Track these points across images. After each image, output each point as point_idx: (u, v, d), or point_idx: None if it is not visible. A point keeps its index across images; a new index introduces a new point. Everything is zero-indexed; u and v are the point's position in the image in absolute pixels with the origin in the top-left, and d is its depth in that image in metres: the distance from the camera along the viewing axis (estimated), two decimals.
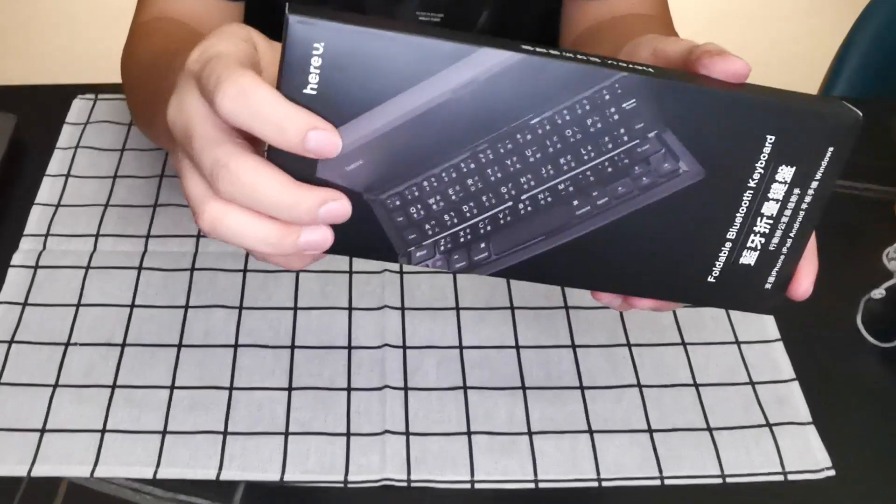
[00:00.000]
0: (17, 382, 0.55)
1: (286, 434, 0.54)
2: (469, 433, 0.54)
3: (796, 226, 0.39)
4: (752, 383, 0.58)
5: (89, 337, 0.58)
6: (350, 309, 0.60)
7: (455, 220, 0.37)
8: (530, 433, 0.54)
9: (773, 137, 0.37)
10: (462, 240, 0.37)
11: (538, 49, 0.35)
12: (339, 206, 0.34)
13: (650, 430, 0.55)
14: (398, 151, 0.35)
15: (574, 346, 0.59)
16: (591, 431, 0.55)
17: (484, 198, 0.37)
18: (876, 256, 0.66)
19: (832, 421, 0.56)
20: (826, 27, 2.12)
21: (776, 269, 0.40)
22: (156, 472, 0.51)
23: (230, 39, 0.36)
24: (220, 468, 0.52)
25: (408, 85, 0.34)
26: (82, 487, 0.51)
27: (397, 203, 0.36)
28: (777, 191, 0.38)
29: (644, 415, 0.56)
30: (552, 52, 0.35)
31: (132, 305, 0.60)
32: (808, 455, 0.54)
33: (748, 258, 0.40)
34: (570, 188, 0.37)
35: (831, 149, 0.38)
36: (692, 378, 0.58)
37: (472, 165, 0.36)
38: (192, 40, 0.55)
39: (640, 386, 0.57)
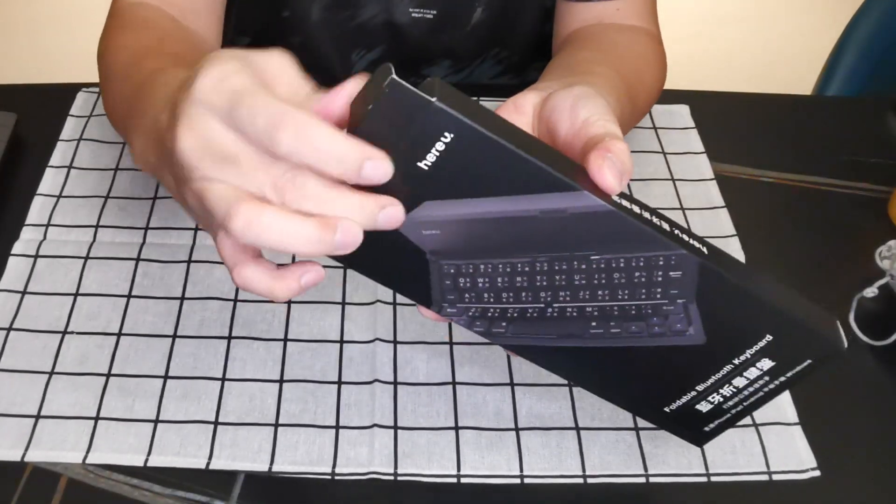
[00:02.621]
0: (14, 369, 0.56)
1: (276, 425, 0.54)
2: (457, 428, 0.55)
3: (751, 401, 0.46)
4: None
5: (86, 326, 0.59)
6: (343, 304, 0.61)
7: (491, 301, 0.42)
8: (517, 429, 0.55)
9: (771, 337, 0.42)
10: (489, 315, 0.42)
11: (625, 204, 0.39)
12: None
13: (636, 429, 0.55)
14: (470, 237, 0.39)
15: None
16: (577, 428, 0.55)
17: (523, 294, 0.41)
18: (869, 255, 0.66)
19: (822, 420, 0.56)
20: (821, 25, 2.11)
21: (719, 420, 0.47)
22: (147, 460, 0.52)
23: (243, 70, 0.36)
24: (210, 457, 0.53)
25: (507, 193, 0.38)
26: (81, 483, 0.52)
27: (451, 271, 0.41)
28: (752, 373, 0.44)
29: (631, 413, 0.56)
30: (636, 209, 0.39)
31: (129, 296, 0.61)
32: (794, 455, 0.54)
33: (703, 407, 0.46)
34: (595, 313, 0.42)
35: (809, 361, 0.43)
36: None
37: (527, 269, 0.41)
38: (174, 47, 0.55)
39: None
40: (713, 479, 0.53)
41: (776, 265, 0.67)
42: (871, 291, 0.63)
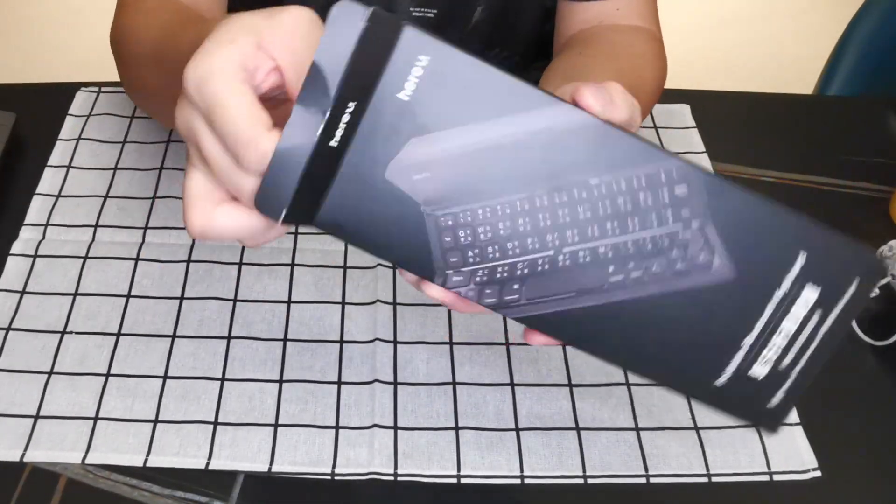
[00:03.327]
0: (13, 369, 0.56)
1: (276, 425, 0.54)
2: (457, 428, 0.55)
3: (810, 351, 0.40)
4: None
5: (85, 326, 0.59)
6: (343, 303, 0.61)
7: (497, 255, 0.39)
8: (518, 429, 0.55)
9: (806, 254, 0.38)
10: (498, 276, 0.39)
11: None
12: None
13: (637, 429, 0.55)
14: (463, 174, 0.37)
15: (563, 345, 0.59)
16: (578, 429, 0.55)
17: (529, 240, 0.38)
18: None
19: (823, 421, 0.56)
20: (822, 25, 2.11)
21: (783, 389, 0.40)
22: (146, 460, 0.52)
23: (230, 62, 0.36)
24: (210, 457, 0.52)
25: (491, 116, 0.36)
26: (80, 483, 0.52)
27: (449, 223, 0.38)
28: (800, 308, 0.39)
29: (631, 413, 0.56)
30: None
31: (128, 296, 0.60)
32: (795, 455, 0.54)
33: (758, 371, 0.40)
34: (609, 254, 0.39)
35: (857, 279, 0.39)
36: None
37: (527, 206, 0.38)
38: (187, 28, 0.54)
39: (628, 384, 0.57)
40: (714, 479, 0.53)
41: None
42: (872, 291, 0.63)
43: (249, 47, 0.36)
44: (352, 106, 0.36)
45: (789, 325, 0.39)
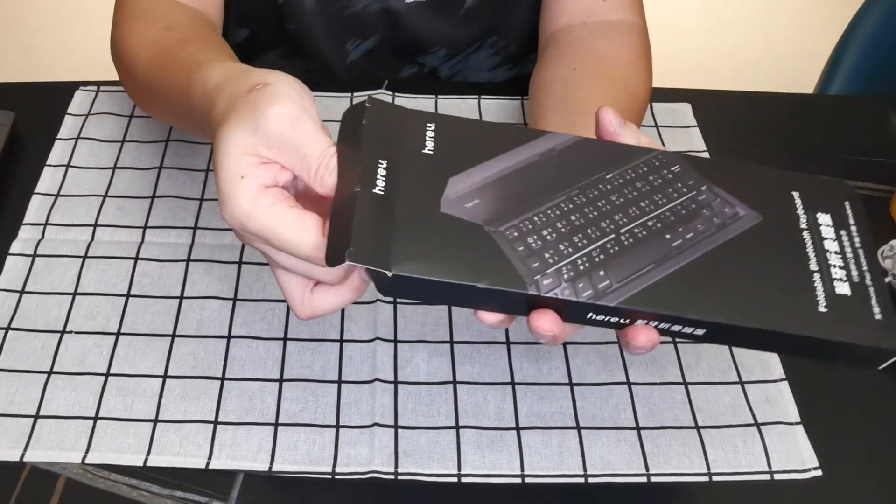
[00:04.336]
0: (13, 369, 0.56)
1: (276, 424, 0.54)
2: (457, 427, 0.55)
3: (864, 260, 0.44)
4: (741, 383, 0.58)
5: (84, 325, 0.58)
6: None
7: (570, 250, 0.42)
8: (518, 428, 0.55)
9: (797, 193, 0.45)
10: (581, 267, 0.42)
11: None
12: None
13: (638, 428, 0.55)
14: (505, 193, 0.43)
15: (564, 343, 0.59)
16: (578, 428, 0.55)
17: (589, 230, 0.43)
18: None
19: (824, 420, 0.56)
20: (823, 24, 2.11)
21: (874, 301, 0.43)
22: (146, 460, 0.52)
23: (241, 195, 0.42)
24: (210, 457, 0.52)
25: (501, 151, 0.44)
26: (80, 483, 0.51)
27: (515, 234, 0.42)
28: (827, 231, 0.45)
29: (632, 412, 0.56)
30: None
31: (128, 295, 0.60)
32: (796, 455, 0.54)
33: (842, 289, 0.43)
34: (658, 224, 0.44)
35: (847, 202, 0.45)
36: (682, 377, 0.58)
37: (570, 205, 0.43)
38: (194, 55, 0.57)
39: (629, 383, 0.57)
40: (715, 478, 0.53)
41: None
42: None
43: (256, 172, 0.41)
44: (384, 163, 0.42)
45: (831, 245, 0.44)
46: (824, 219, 0.45)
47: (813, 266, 0.43)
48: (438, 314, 0.60)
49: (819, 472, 0.54)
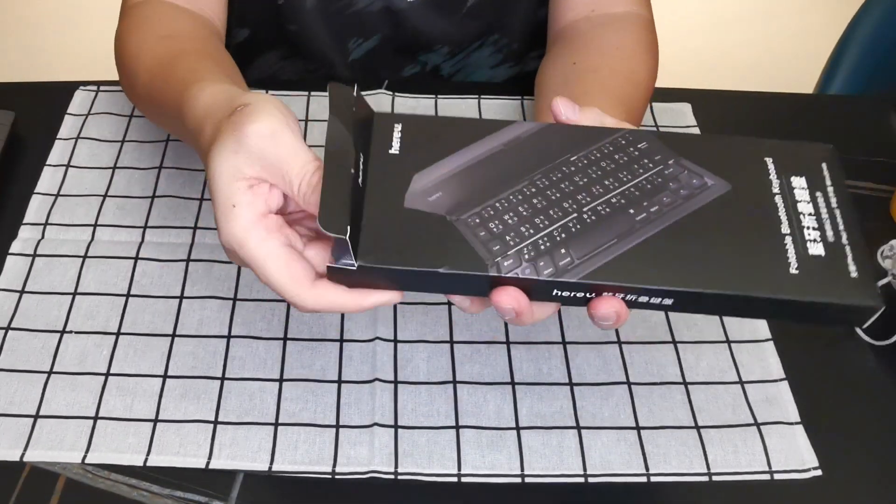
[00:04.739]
0: (12, 368, 0.56)
1: (276, 424, 0.54)
2: (457, 427, 0.55)
3: (840, 220, 0.44)
4: (741, 382, 0.58)
5: (84, 325, 0.58)
6: None
7: (531, 231, 0.43)
8: (518, 428, 0.55)
9: (771, 159, 0.46)
10: (542, 247, 0.43)
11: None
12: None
13: (638, 428, 0.55)
14: (468, 183, 0.45)
15: (564, 343, 0.59)
16: (578, 427, 0.55)
17: (551, 212, 0.44)
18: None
19: (824, 420, 0.56)
20: (823, 24, 2.11)
21: (850, 259, 0.43)
22: (146, 460, 0.52)
23: (234, 223, 0.43)
24: (210, 457, 0.52)
25: (465, 144, 0.46)
26: (80, 483, 0.51)
27: (477, 221, 0.43)
28: (801, 193, 0.45)
29: (632, 412, 0.56)
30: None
31: (128, 295, 0.60)
32: (795, 455, 0.54)
33: (815, 249, 0.43)
34: (622, 201, 0.44)
35: (824, 164, 0.46)
36: (682, 376, 0.58)
37: (533, 189, 0.44)
38: (188, 61, 0.58)
39: (629, 383, 0.57)
40: (714, 478, 0.53)
41: None
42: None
43: (247, 199, 0.43)
44: (361, 157, 0.44)
45: (805, 207, 0.44)
46: (798, 181, 0.45)
47: (784, 229, 0.43)
48: (438, 314, 0.60)
49: (819, 472, 0.54)
